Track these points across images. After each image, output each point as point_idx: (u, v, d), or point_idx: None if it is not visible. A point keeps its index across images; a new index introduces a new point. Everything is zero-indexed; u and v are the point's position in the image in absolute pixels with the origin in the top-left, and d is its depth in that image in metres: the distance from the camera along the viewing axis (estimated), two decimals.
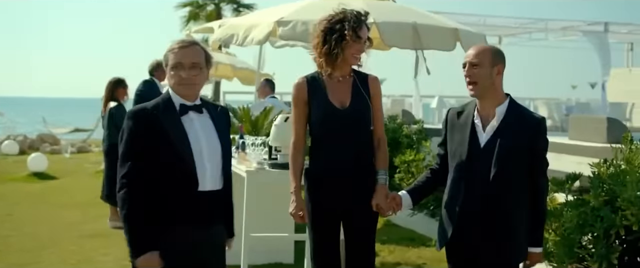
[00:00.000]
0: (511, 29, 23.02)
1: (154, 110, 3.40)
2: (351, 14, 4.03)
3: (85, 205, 10.08)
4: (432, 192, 4.01)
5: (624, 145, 5.58)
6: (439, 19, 6.63)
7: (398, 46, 5.97)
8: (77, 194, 11.28)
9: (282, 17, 6.05)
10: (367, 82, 4.13)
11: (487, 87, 3.57)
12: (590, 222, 5.12)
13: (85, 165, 15.80)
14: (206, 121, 3.50)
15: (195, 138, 3.41)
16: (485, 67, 3.56)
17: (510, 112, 3.58)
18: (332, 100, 4.06)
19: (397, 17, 5.92)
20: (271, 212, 6.48)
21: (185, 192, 3.36)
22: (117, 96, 8.80)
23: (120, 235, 8.34)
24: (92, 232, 8.43)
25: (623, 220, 5.00)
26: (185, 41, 3.50)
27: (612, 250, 5.10)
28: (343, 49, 4.02)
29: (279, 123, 5.67)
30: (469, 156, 3.59)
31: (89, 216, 9.25)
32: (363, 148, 4.06)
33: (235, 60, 14.64)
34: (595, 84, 28.70)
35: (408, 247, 7.45)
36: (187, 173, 3.36)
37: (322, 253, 4.15)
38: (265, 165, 5.71)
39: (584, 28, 22.95)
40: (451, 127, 3.76)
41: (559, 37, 25.36)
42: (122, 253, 7.32)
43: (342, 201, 4.05)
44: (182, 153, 3.35)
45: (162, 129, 3.34)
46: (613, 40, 23.35)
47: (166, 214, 3.35)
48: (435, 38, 6.16)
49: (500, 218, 3.54)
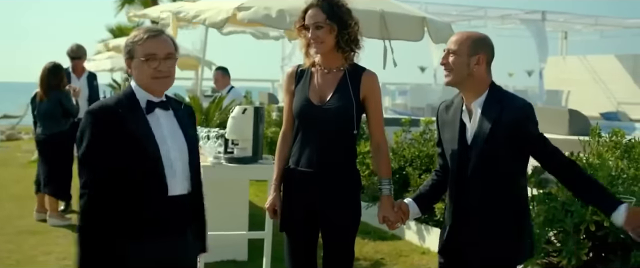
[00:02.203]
0: (451, 17, 23.07)
1: (116, 107, 3.07)
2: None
3: (21, 198, 9.55)
4: (440, 196, 3.75)
5: (591, 137, 5.51)
6: (405, 7, 6.42)
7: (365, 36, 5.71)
8: (11, 186, 10.70)
9: (243, 3, 5.75)
10: (359, 78, 3.78)
11: (463, 77, 3.35)
12: (560, 217, 5.02)
13: (16, 154, 15.13)
14: (172, 119, 3.20)
15: (161, 138, 3.11)
16: (462, 55, 3.35)
17: (489, 103, 3.34)
18: (312, 94, 3.79)
19: (364, 5, 5.68)
20: (226, 208, 6.19)
21: (154, 199, 3.06)
22: (53, 82, 8.26)
23: (61, 232, 8.09)
24: (30, 228, 7.97)
25: (593, 216, 4.91)
26: (153, 29, 3.16)
27: (581, 245, 5.03)
28: (303, 39, 3.79)
29: (236, 115, 5.38)
30: (459, 153, 3.38)
31: (26, 210, 8.73)
32: (335, 148, 3.75)
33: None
34: (532, 72, 29.13)
35: (364, 239, 7.26)
36: (155, 177, 3.05)
37: (290, 252, 3.89)
38: (222, 160, 5.42)
39: (522, 16, 23.27)
40: (442, 124, 3.55)
41: (498, 25, 25.64)
42: (64, 251, 6.96)
43: (308, 200, 3.78)
44: (150, 155, 3.04)
45: (126, 129, 3.02)
46: (549, 29, 23.68)
47: (133, 226, 3.03)
48: (402, 27, 5.95)
49: (490, 217, 3.34)
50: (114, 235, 2.98)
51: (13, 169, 12.74)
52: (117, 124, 3.01)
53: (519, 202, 3.40)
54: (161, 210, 3.06)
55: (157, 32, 3.12)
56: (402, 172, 7.47)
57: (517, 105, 3.32)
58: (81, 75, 8.95)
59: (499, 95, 3.37)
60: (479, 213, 3.35)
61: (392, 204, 3.75)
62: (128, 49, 3.11)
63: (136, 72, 3.11)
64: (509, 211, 3.35)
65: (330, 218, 3.79)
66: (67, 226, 8.04)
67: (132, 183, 3.01)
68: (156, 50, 3.06)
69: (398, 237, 7.47)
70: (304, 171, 3.76)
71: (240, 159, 5.42)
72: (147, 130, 3.06)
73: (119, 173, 2.99)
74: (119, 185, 2.99)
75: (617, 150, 5.29)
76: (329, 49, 3.75)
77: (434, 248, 6.86)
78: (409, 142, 7.82)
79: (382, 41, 5.83)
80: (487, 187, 3.32)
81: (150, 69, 3.07)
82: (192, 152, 3.22)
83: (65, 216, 8.35)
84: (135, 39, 3.09)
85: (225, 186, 6.20)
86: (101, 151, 2.99)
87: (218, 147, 5.76)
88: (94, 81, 9.07)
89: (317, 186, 3.75)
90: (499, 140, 3.26)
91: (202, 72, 10.83)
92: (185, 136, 3.21)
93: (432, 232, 6.93)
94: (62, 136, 8.21)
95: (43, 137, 8.32)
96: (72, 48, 9.00)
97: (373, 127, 3.85)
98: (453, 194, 3.46)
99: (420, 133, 7.90)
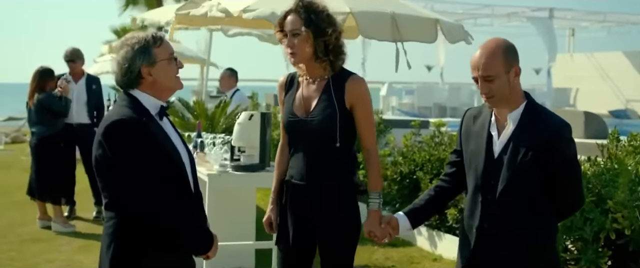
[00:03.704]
0: (457, 15, 22.88)
1: (140, 117, 2.87)
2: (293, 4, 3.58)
3: (24, 204, 9.36)
4: (436, 213, 3.54)
5: (609, 141, 5.33)
6: (416, 8, 6.25)
7: (376, 38, 5.57)
8: (14, 192, 10.52)
9: (248, 5, 5.59)
10: (344, 85, 3.55)
11: (506, 95, 3.09)
12: (578, 225, 4.85)
13: (21, 158, 14.98)
14: (169, 123, 3.09)
15: (175, 144, 3.00)
16: (500, 76, 3.05)
17: (525, 117, 3.09)
18: (296, 106, 3.61)
19: (374, 6, 5.52)
20: (233, 217, 6.04)
21: (189, 211, 2.95)
22: (45, 88, 8.14)
23: (64, 239, 7.94)
24: (33, 235, 7.83)
25: (613, 224, 4.74)
26: (153, 33, 2.99)
27: (601, 254, 4.86)
28: (284, 47, 3.62)
29: (242, 121, 5.22)
30: (484, 169, 3.13)
31: (29, 217, 8.58)
32: (324, 159, 3.56)
33: (183, 48, 14.08)
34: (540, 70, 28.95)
35: (374, 246, 7.09)
36: (186, 189, 2.95)
37: (283, 264, 3.74)
38: (228, 168, 5.26)
39: (529, 14, 23.06)
40: (466, 133, 3.29)
41: (504, 23, 25.46)
42: (67, 259, 6.82)
43: (302, 212, 3.62)
44: (179, 166, 2.93)
45: (155, 140, 2.85)
46: (555, 26, 23.47)
47: (172, 242, 2.90)
48: (415, 29, 5.78)
49: (518, 240, 3.09)
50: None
51: (17, 173, 12.57)
52: (148, 135, 2.84)
53: (546, 222, 3.16)
54: (193, 223, 2.98)
55: (163, 35, 3.01)
56: (413, 176, 7.30)
57: (554, 123, 3.08)
58: (78, 79, 8.77)
59: (536, 110, 3.13)
60: (504, 236, 3.11)
61: (379, 219, 3.57)
62: (145, 54, 2.89)
63: (160, 74, 2.92)
64: (536, 233, 3.11)
65: (324, 231, 3.62)
66: (71, 233, 7.90)
67: (171, 197, 2.86)
68: (173, 52, 2.99)
69: (409, 244, 7.30)
70: (297, 184, 3.63)
71: (247, 167, 5.26)
72: (168, 138, 2.94)
73: (158, 188, 2.83)
74: (160, 200, 2.85)
75: (637, 154, 5.11)
76: (307, 58, 3.54)
77: (446, 255, 6.70)
78: (419, 146, 7.64)
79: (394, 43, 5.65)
80: (515, 209, 3.08)
81: (176, 68, 2.97)
82: (190, 154, 3.12)
83: (69, 222, 8.20)
84: (149, 42, 2.91)
85: (232, 194, 6.05)
86: (149, 165, 2.81)
87: (224, 154, 5.60)
88: (93, 85, 8.88)
89: (309, 198, 3.59)
90: (530, 157, 3.02)
91: (207, 73, 10.69)
92: (181, 139, 3.11)
93: (444, 239, 6.77)
94: (53, 138, 8.10)
95: (34, 142, 8.22)
96: (66, 51, 8.84)
97: (363, 136, 3.63)
98: (473, 212, 3.20)
99: (431, 136, 7.73)
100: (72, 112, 8.48)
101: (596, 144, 5.41)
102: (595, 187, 5.00)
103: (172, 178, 2.86)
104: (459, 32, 6.08)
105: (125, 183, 2.79)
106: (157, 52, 2.90)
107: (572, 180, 3.14)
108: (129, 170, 2.78)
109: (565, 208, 3.23)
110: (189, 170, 3.00)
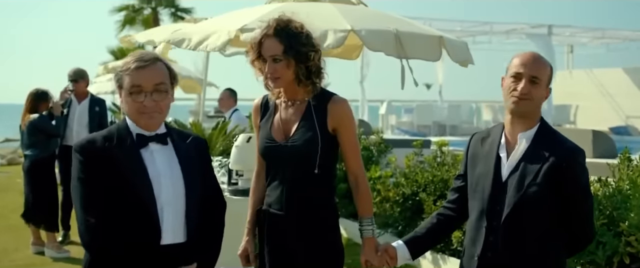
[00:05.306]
0: (456, 33, 22.79)
1: (105, 142, 2.76)
2: (261, 28, 3.34)
3: (18, 228, 9.16)
4: (438, 242, 3.34)
5: (620, 162, 5.16)
6: (419, 26, 6.10)
7: (384, 52, 5.43)
8: (9, 216, 10.32)
9: (245, 24, 5.44)
10: (326, 107, 3.36)
11: (536, 106, 2.97)
12: (591, 249, 4.67)
13: (17, 180, 14.76)
14: (170, 154, 2.86)
15: (155, 176, 2.78)
16: (542, 86, 2.94)
17: (538, 138, 2.95)
18: (275, 130, 3.42)
19: (377, 24, 5.37)
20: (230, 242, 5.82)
21: (146, 246, 2.73)
22: (38, 110, 8.00)
23: (58, 265, 7.74)
24: (26, 261, 7.64)
25: (627, 247, 4.56)
26: (144, 57, 2.81)
27: None
28: (257, 71, 3.39)
29: (240, 144, 5.07)
30: (491, 192, 2.96)
31: (23, 242, 8.38)
32: (305, 186, 3.35)
33: (180, 67, 13.95)
34: None
35: None
36: (148, 221, 2.73)
37: None
38: (226, 192, 5.09)
39: (528, 31, 22.98)
40: (473, 156, 3.13)
41: (503, 40, 25.39)
42: None
43: (282, 244, 3.41)
44: (142, 197, 2.71)
45: (116, 166, 2.70)
46: (554, 43, 23.39)
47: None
48: (419, 47, 5.63)
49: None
50: None
51: (12, 196, 12.37)
52: (107, 160, 2.70)
53: (557, 261, 2.98)
54: (152, 260, 2.74)
55: (148, 61, 2.79)
56: (416, 197, 7.12)
57: (569, 148, 2.94)
58: (82, 100, 8.63)
59: (549, 132, 3.00)
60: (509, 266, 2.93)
61: (375, 247, 3.37)
62: (117, 77, 2.82)
63: (123, 104, 2.81)
64: (546, 263, 2.93)
65: (305, 264, 3.40)
66: (66, 259, 7.70)
67: (124, 227, 2.70)
68: (142, 81, 2.75)
69: (412, 267, 7.11)
70: (276, 213, 3.42)
71: (245, 191, 5.08)
72: (139, 166, 2.75)
73: (111, 215, 2.69)
74: (113, 227, 2.69)
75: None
76: (288, 82, 3.36)
77: None
78: (421, 166, 7.47)
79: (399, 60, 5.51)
80: (521, 238, 2.91)
81: (136, 103, 2.76)
82: (191, 193, 2.86)
83: (63, 247, 8.00)
84: (123, 67, 2.80)
85: (230, 219, 5.83)
86: (94, 190, 2.69)
87: (221, 178, 5.44)
88: (96, 107, 8.73)
89: (288, 229, 3.39)
90: (540, 180, 2.87)
91: (204, 94, 10.57)
92: (186, 175, 2.86)
93: (449, 262, 6.57)
94: (45, 161, 7.96)
95: (27, 166, 8.06)
96: (69, 71, 8.72)
97: (348, 160, 3.43)
98: (475, 239, 3.02)
99: (433, 156, 7.55)
100: (72, 133, 8.35)
101: (607, 164, 5.24)
102: (607, 209, 4.83)
103: (126, 203, 2.72)
104: (463, 51, 5.94)
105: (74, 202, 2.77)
106: (124, 79, 2.78)
107: (584, 210, 2.98)
108: (75, 188, 2.74)
109: (575, 240, 3.05)
110: (169, 210, 2.79)
